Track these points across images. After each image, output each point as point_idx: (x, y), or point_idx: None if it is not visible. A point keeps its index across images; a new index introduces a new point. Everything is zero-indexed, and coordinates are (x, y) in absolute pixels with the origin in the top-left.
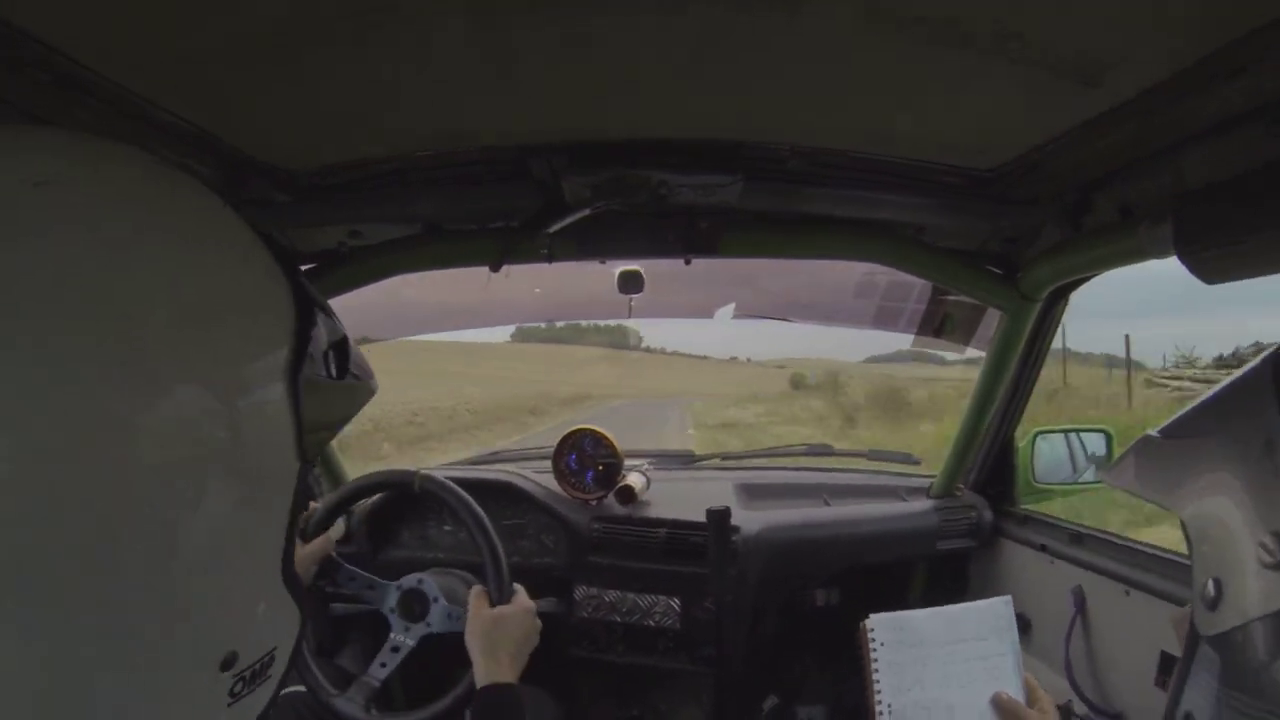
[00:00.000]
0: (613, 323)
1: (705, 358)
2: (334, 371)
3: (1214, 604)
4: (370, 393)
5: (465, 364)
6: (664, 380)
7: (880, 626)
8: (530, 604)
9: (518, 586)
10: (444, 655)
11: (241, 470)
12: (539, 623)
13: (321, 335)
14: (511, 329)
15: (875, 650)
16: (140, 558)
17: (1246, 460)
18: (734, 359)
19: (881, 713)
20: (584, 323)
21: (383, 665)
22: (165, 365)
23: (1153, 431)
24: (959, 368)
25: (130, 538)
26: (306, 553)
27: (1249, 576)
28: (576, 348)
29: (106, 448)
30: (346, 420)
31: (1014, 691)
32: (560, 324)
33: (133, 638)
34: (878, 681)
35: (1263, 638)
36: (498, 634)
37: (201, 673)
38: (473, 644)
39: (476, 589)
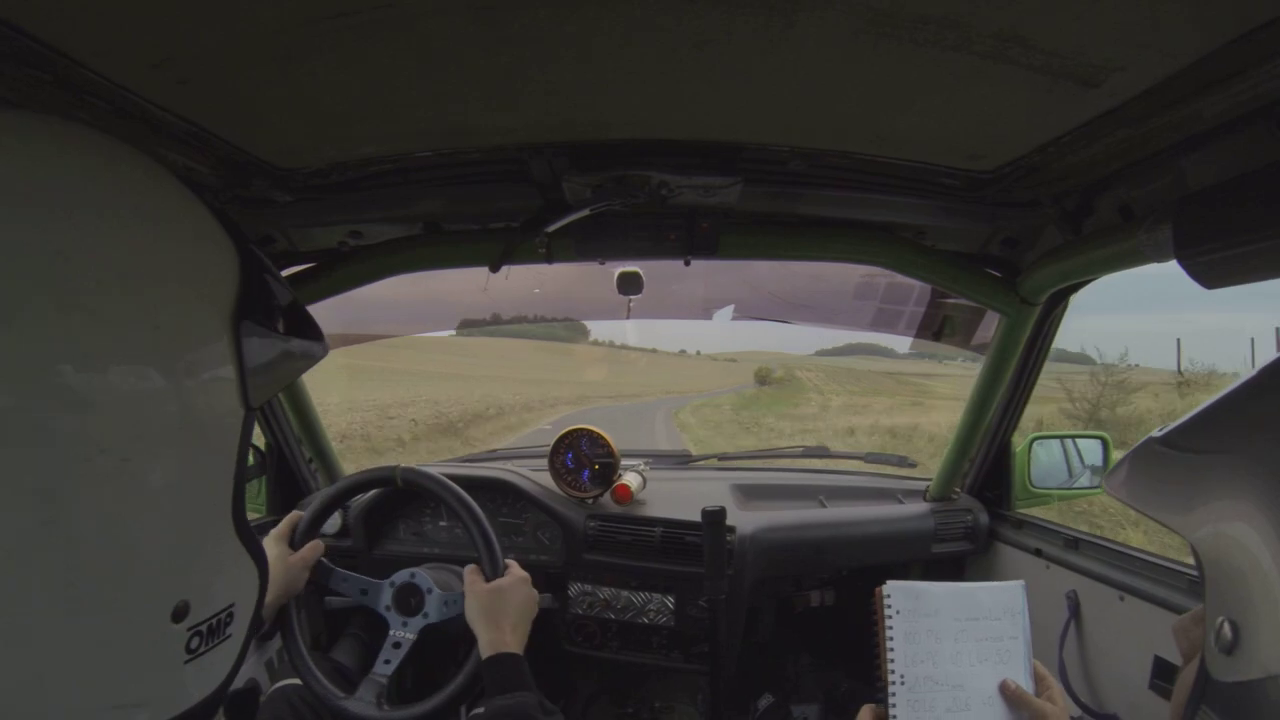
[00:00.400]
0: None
1: (654, 350)
2: (280, 328)
3: (1229, 648)
4: (322, 351)
5: (375, 358)
6: (618, 376)
7: (896, 593)
8: (524, 574)
9: (510, 561)
10: (439, 649)
11: (185, 415)
12: (535, 592)
13: (271, 294)
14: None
15: (891, 618)
16: (87, 503)
17: (1275, 490)
18: (683, 352)
19: (894, 681)
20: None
21: (387, 662)
22: (108, 317)
23: (1155, 433)
24: (930, 363)
25: (76, 484)
26: (297, 559)
27: (1274, 628)
28: (524, 340)
29: (53, 395)
30: (294, 374)
31: (1023, 677)
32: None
33: (81, 582)
34: (892, 650)
35: None
36: (498, 605)
37: (153, 621)
38: (474, 618)
39: (470, 566)
